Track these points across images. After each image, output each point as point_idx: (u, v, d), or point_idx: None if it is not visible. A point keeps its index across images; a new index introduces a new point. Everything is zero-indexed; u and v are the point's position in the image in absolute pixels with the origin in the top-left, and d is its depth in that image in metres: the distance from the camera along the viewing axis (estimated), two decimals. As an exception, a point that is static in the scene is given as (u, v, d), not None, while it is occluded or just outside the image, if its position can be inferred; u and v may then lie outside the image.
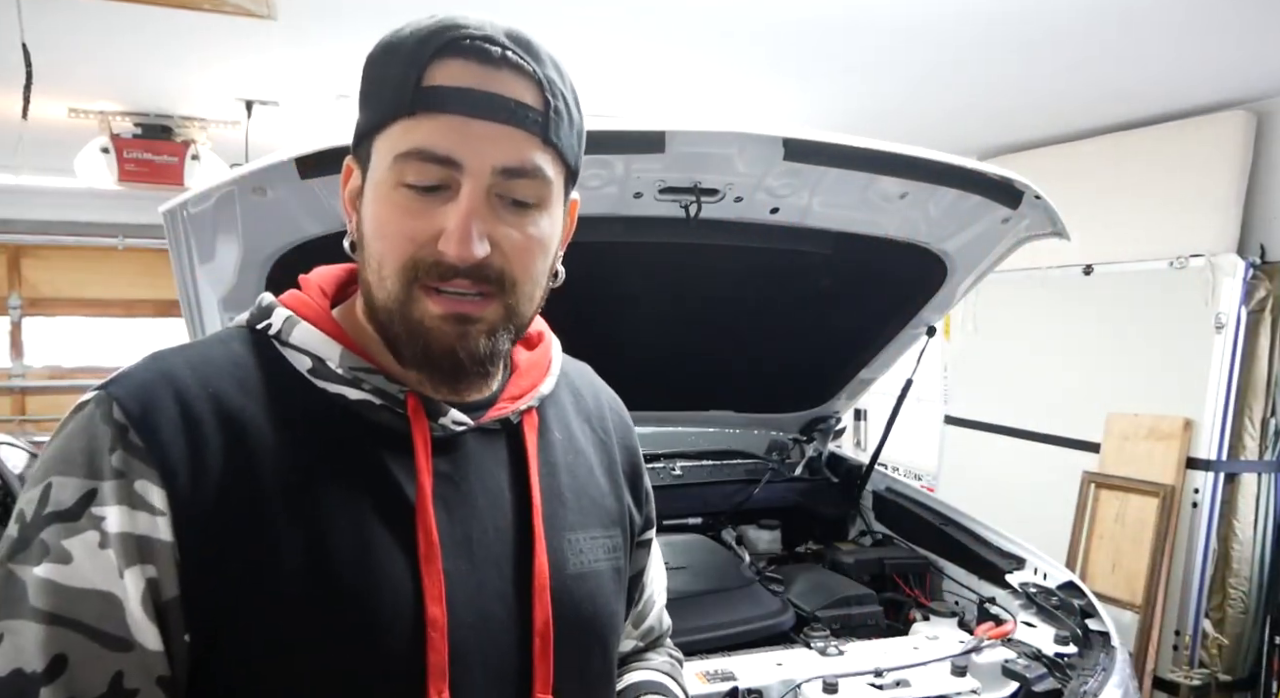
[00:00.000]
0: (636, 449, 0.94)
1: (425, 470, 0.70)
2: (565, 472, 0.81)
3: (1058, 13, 2.51)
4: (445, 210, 0.67)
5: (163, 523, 0.62)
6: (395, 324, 0.69)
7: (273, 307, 0.75)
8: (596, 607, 0.79)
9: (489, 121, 0.66)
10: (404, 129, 0.66)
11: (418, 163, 0.66)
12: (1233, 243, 3.24)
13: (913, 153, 1.69)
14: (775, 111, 3.76)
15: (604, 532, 0.83)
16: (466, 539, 0.72)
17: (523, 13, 2.58)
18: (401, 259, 0.67)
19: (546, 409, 0.83)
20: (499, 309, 0.70)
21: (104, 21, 2.65)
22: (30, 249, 5.91)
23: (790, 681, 1.51)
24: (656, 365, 2.22)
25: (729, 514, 2.37)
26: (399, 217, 0.67)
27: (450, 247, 0.66)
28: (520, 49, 0.68)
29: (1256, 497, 3.19)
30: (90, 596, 0.60)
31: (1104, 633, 1.71)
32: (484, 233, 0.67)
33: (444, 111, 0.66)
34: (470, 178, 0.66)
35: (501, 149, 0.67)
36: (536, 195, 0.70)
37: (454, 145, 0.66)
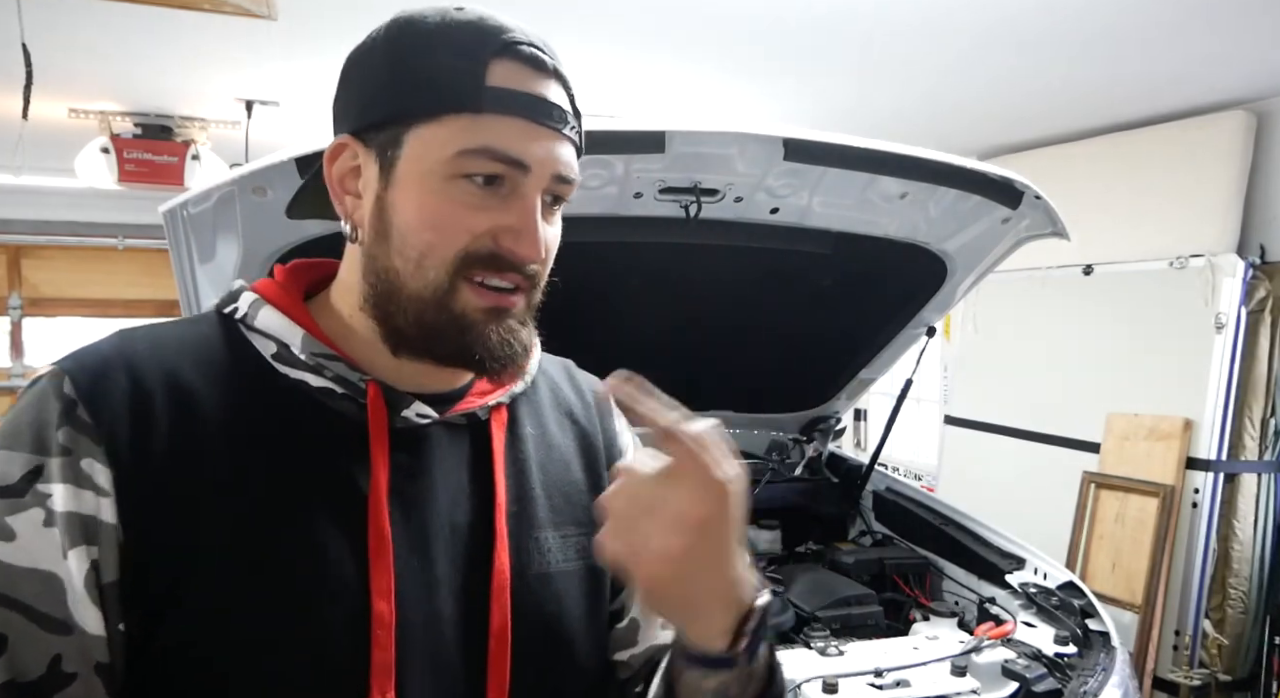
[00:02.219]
0: (616, 430, 0.90)
1: (380, 462, 0.69)
2: (537, 468, 0.79)
3: (1058, 13, 2.51)
4: (506, 207, 0.68)
5: (107, 504, 0.61)
6: (429, 315, 0.69)
7: (241, 291, 0.74)
8: (561, 607, 0.76)
9: (548, 128, 0.68)
10: (470, 125, 0.66)
11: (486, 160, 0.66)
12: (1233, 243, 3.24)
13: (913, 153, 1.69)
14: (775, 112, 3.76)
15: (578, 529, 0.79)
16: (422, 536, 0.70)
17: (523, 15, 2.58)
18: (455, 250, 0.68)
19: (519, 406, 0.81)
20: (524, 301, 0.72)
21: (104, 21, 2.65)
22: (30, 249, 5.91)
23: (790, 681, 1.51)
24: (656, 365, 2.21)
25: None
26: (458, 209, 0.67)
27: (520, 245, 0.68)
28: (554, 55, 0.71)
29: (1256, 497, 3.19)
30: (32, 575, 0.59)
31: (1104, 633, 1.71)
32: (542, 236, 0.70)
33: (512, 114, 0.67)
34: (534, 180, 0.68)
35: (558, 156, 0.69)
36: (568, 197, 0.73)
37: (524, 149, 0.67)
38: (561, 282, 0.83)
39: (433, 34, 0.68)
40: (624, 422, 0.92)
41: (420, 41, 0.68)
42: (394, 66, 0.69)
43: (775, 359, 2.34)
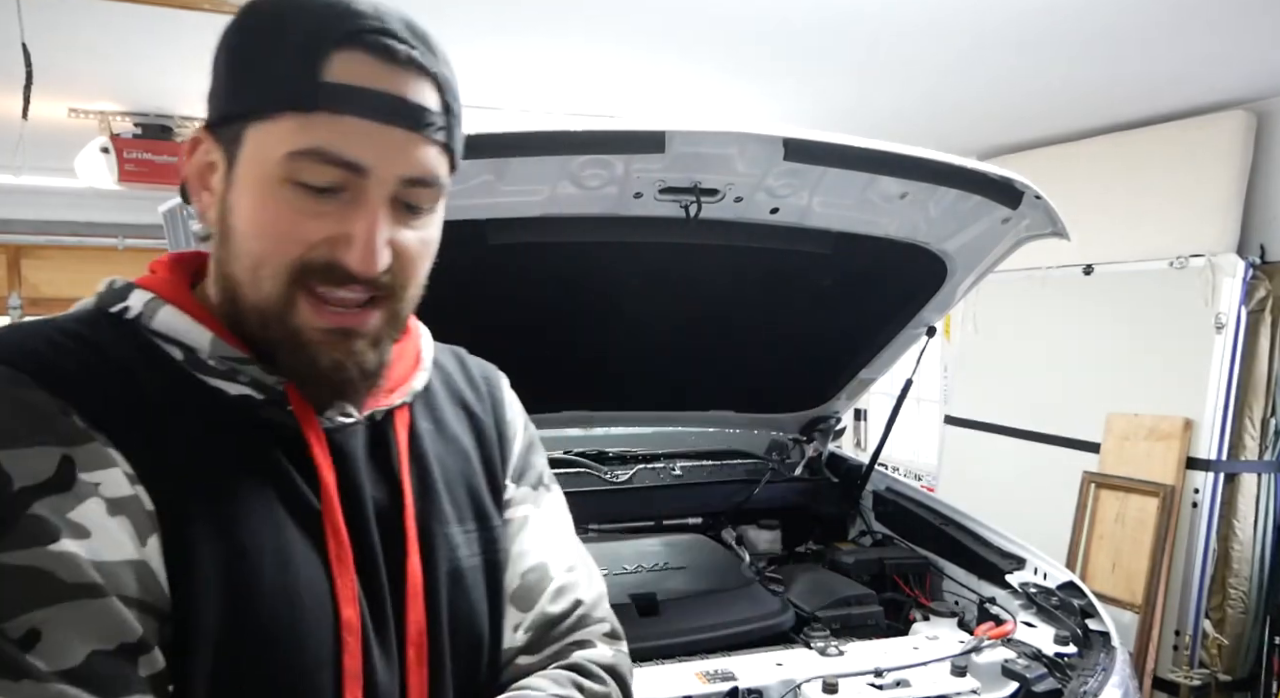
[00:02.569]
0: (504, 415, 0.87)
1: (326, 466, 0.67)
2: (437, 463, 0.77)
3: (1058, 13, 2.51)
4: (344, 214, 0.62)
5: (141, 491, 0.59)
6: (271, 329, 0.64)
7: (129, 288, 0.68)
8: (471, 603, 0.75)
9: (395, 127, 0.62)
10: (300, 125, 0.60)
11: (318, 164, 0.61)
12: (1233, 243, 3.24)
13: (913, 153, 1.69)
14: (776, 112, 3.76)
15: (478, 523, 0.78)
16: (366, 541, 0.69)
17: (523, 16, 2.58)
18: (288, 261, 0.62)
19: (415, 400, 0.78)
20: (382, 316, 0.67)
21: (104, 21, 2.65)
22: (30, 249, 5.91)
23: (790, 681, 1.51)
24: (656, 365, 2.22)
25: (729, 514, 2.37)
26: (289, 216, 0.62)
27: (355, 258, 0.62)
28: (421, 44, 0.64)
29: (1256, 497, 3.19)
30: (127, 567, 0.57)
31: (1104, 633, 1.71)
32: (384, 245, 0.63)
33: (349, 113, 0.61)
34: (376, 185, 0.62)
35: (408, 158, 0.63)
36: (432, 201, 0.67)
37: (361, 151, 0.61)
38: (562, 282, 0.83)
39: (277, 19, 0.62)
40: (515, 405, 0.90)
41: (263, 27, 0.63)
42: (236, 56, 0.64)
43: (775, 359, 2.34)
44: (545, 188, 1.63)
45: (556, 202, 1.66)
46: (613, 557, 2.03)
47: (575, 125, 1.51)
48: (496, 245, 1.72)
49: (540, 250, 1.80)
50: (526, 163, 1.54)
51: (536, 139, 1.51)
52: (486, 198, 1.60)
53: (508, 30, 2.72)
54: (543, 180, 1.61)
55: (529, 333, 1.91)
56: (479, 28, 2.72)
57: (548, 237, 1.75)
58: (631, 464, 2.29)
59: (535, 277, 1.87)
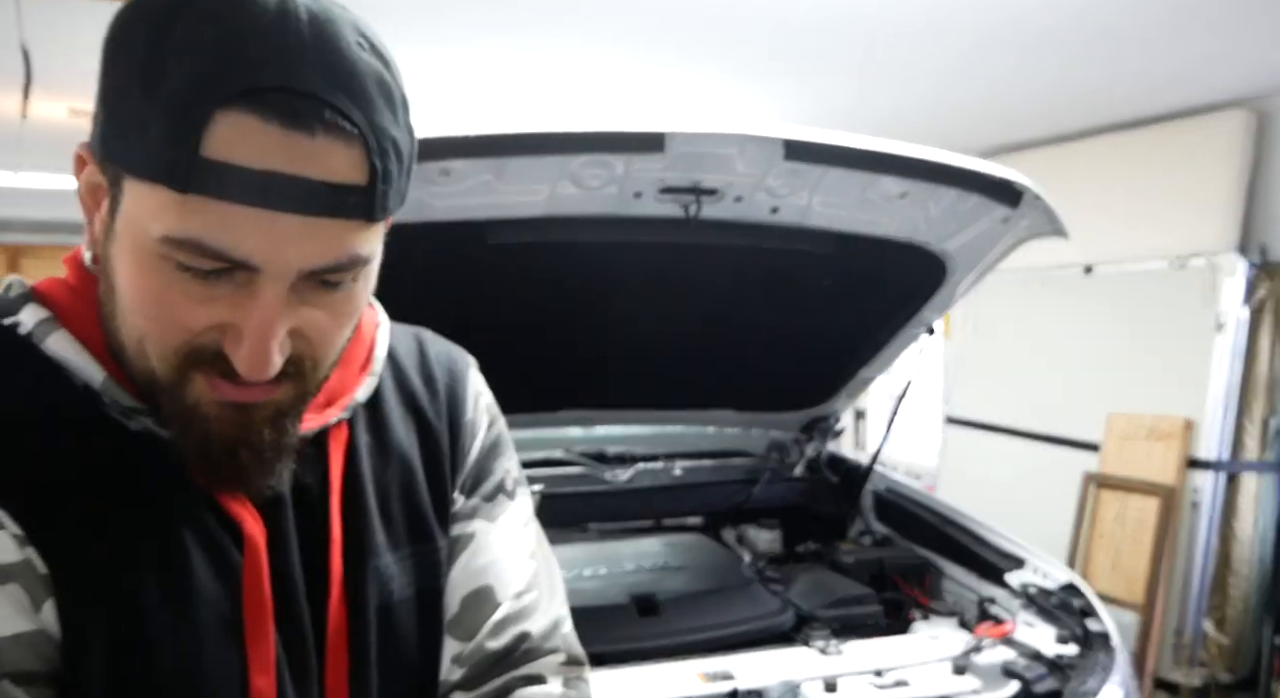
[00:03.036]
0: (461, 417, 0.76)
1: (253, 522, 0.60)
2: (373, 485, 0.69)
3: (1057, 12, 2.51)
4: (235, 301, 0.52)
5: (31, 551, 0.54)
6: (162, 400, 0.56)
7: (24, 300, 0.59)
8: (401, 642, 0.68)
9: (297, 215, 0.50)
10: (174, 205, 0.49)
11: (194, 256, 0.50)
12: (1233, 243, 3.24)
13: (913, 153, 1.69)
14: (777, 112, 3.76)
15: (418, 546, 0.70)
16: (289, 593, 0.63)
17: (521, 17, 2.58)
18: (173, 345, 0.54)
19: (356, 411, 0.69)
20: (291, 391, 0.58)
21: (104, 22, 2.62)
22: (30, 249, 5.92)
23: (790, 681, 1.51)
24: (656, 365, 2.22)
25: (729, 514, 2.37)
26: (171, 298, 0.52)
27: (242, 361, 0.53)
28: (341, 95, 0.50)
29: (1257, 497, 3.19)
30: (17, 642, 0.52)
31: (1104, 633, 1.71)
32: (283, 342, 0.54)
33: (232, 200, 0.49)
34: (270, 281, 0.52)
35: (311, 249, 0.52)
36: (355, 275, 0.56)
37: (249, 246, 0.50)
38: (561, 282, 0.82)
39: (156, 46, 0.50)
40: (479, 403, 0.79)
41: (142, 55, 0.50)
42: (110, 83, 0.53)
43: (775, 359, 2.34)
44: (545, 188, 1.63)
45: (556, 202, 1.66)
46: (613, 557, 2.03)
47: (575, 125, 1.51)
48: (496, 245, 1.72)
49: (540, 250, 1.80)
50: (526, 163, 1.54)
51: (536, 139, 1.51)
52: (486, 198, 1.60)
53: (507, 30, 2.73)
54: (542, 180, 1.61)
55: (529, 333, 1.91)
56: (477, 28, 2.72)
57: (547, 237, 1.75)
58: (631, 464, 2.29)
59: (535, 277, 1.87)
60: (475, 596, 0.72)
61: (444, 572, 0.72)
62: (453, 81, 3.33)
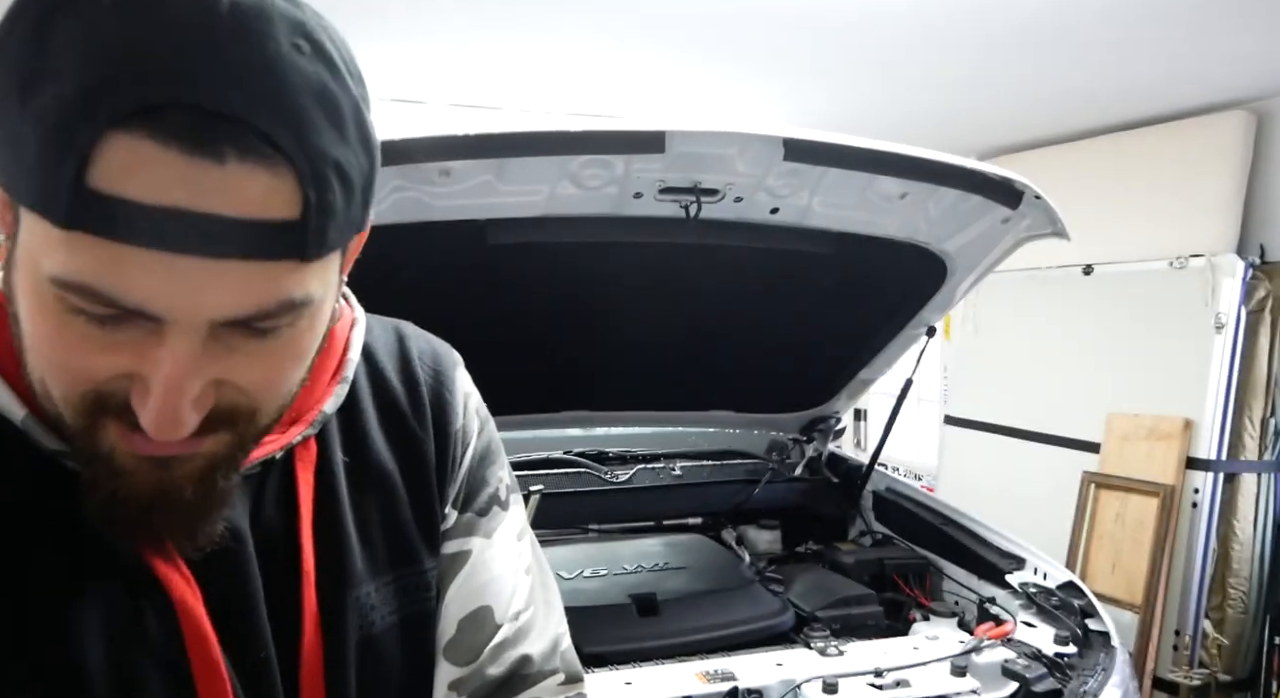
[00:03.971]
0: (449, 425, 0.69)
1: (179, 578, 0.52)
2: (350, 508, 0.62)
3: (1057, 13, 2.51)
4: (141, 349, 0.44)
5: None
6: (73, 447, 0.49)
7: None
8: (384, 673, 0.63)
9: (200, 257, 0.41)
10: (60, 242, 0.41)
11: (85, 299, 0.42)
12: (1233, 243, 3.24)
13: (913, 153, 1.69)
14: (774, 113, 3.76)
15: (401, 570, 0.65)
16: (231, 639, 0.55)
17: (523, 18, 2.58)
18: (78, 392, 0.46)
19: (329, 423, 0.62)
20: (224, 441, 0.50)
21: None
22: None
23: (790, 681, 1.51)
24: (656, 365, 2.22)
25: (729, 514, 2.37)
26: (70, 343, 0.45)
27: (147, 422, 0.45)
28: (264, 112, 0.41)
29: (1256, 497, 3.19)
30: None
31: (1104, 633, 1.72)
32: (198, 399, 0.46)
33: (124, 241, 0.40)
34: (177, 334, 0.44)
35: (226, 295, 0.43)
36: (290, 319, 0.47)
37: (145, 296, 0.42)
38: (561, 282, 0.82)
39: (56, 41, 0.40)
40: (468, 407, 0.72)
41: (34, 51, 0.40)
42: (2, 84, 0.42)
43: (775, 359, 2.34)
44: (545, 188, 1.63)
45: (556, 202, 1.66)
46: (612, 557, 2.03)
47: (575, 125, 1.51)
48: (496, 245, 1.72)
49: (540, 250, 1.80)
50: (526, 163, 1.54)
51: (536, 139, 1.51)
52: (486, 198, 1.61)
53: (505, 26, 2.72)
54: (542, 180, 1.61)
55: (529, 333, 1.91)
56: (475, 23, 2.72)
57: (548, 237, 1.75)
58: (631, 464, 2.29)
59: (535, 277, 1.87)
60: (473, 617, 0.68)
61: (430, 594, 0.67)
62: (451, 79, 3.33)
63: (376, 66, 3.16)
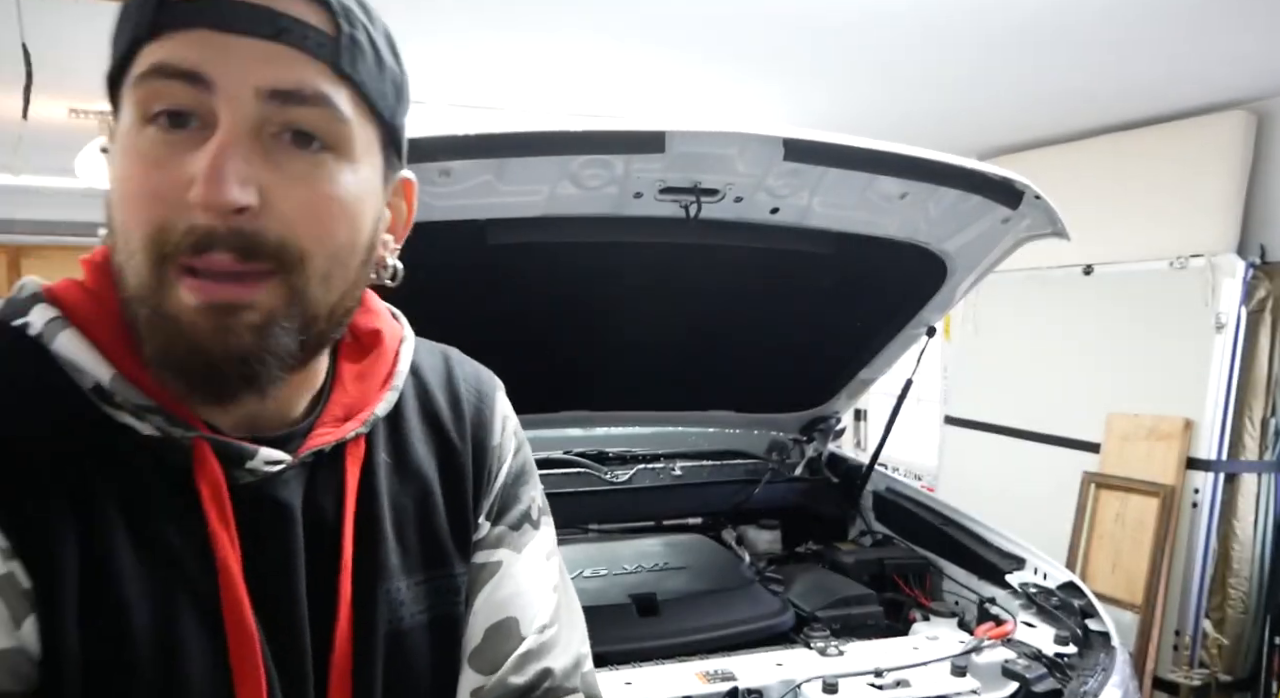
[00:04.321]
0: (488, 440, 0.74)
1: (227, 541, 0.56)
2: (390, 506, 0.66)
3: (1057, 12, 2.51)
4: (199, 155, 0.51)
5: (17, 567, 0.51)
6: (142, 320, 0.54)
7: (34, 300, 0.57)
8: (411, 670, 0.66)
9: (251, 37, 0.52)
10: (145, 53, 0.53)
11: (157, 81, 0.52)
12: (1233, 243, 3.24)
13: (913, 153, 1.69)
14: (774, 113, 3.76)
15: (432, 572, 0.68)
16: (272, 611, 0.59)
17: (523, 18, 2.58)
18: (148, 227, 0.52)
19: (377, 426, 0.67)
20: (278, 292, 0.54)
21: (104, 21, 2.63)
22: (30, 249, 5.91)
23: (790, 681, 1.51)
24: (656, 365, 2.22)
25: (729, 514, 2.37)
26: (143, 168, 0.52)
27: (197, 192, 0.50)
28: None
29: (1256, 497, 3.19)
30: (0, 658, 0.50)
31: (1104, 633, 1.71)
32: (247, 177, 0.51)
33: (191, 26, 0.51)
34: (227, 102, 0.51)
35: (268, 67, 0.52)
36: (330, 133, 0.54)
37: (202, 59, 0.51)
38: (561, 282, 0.82)
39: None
40: (506, 427, 0.77)
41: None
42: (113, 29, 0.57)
43: (775, 359, 2.34)
44: (545, 188, 1.63)
45: (556, 202, 1.66)
46: (612, 557, 2.03)
47: (575, 125, 1.51)
48: (496, 245, 1.72)
49: (540, 250, 1.80)
50: (526, 163, 1.54)
51: (536, 139, 1.51)
52: (486, 198, 1.60)
53: (505, 26, 2.73)
54: (542, 180, 1.61)
55: (529, 333, 1.91)
56: (475, 22, 2.72)
57: (548, 237, 1.75)
58: (631, 464, 2.29)
59: (535, 277, 1.87)
60: (499, 627, 0.70)
61: (460, 599, 0.70)
62: (451, 79, 3.33)
63: (376, 66, 3.16)
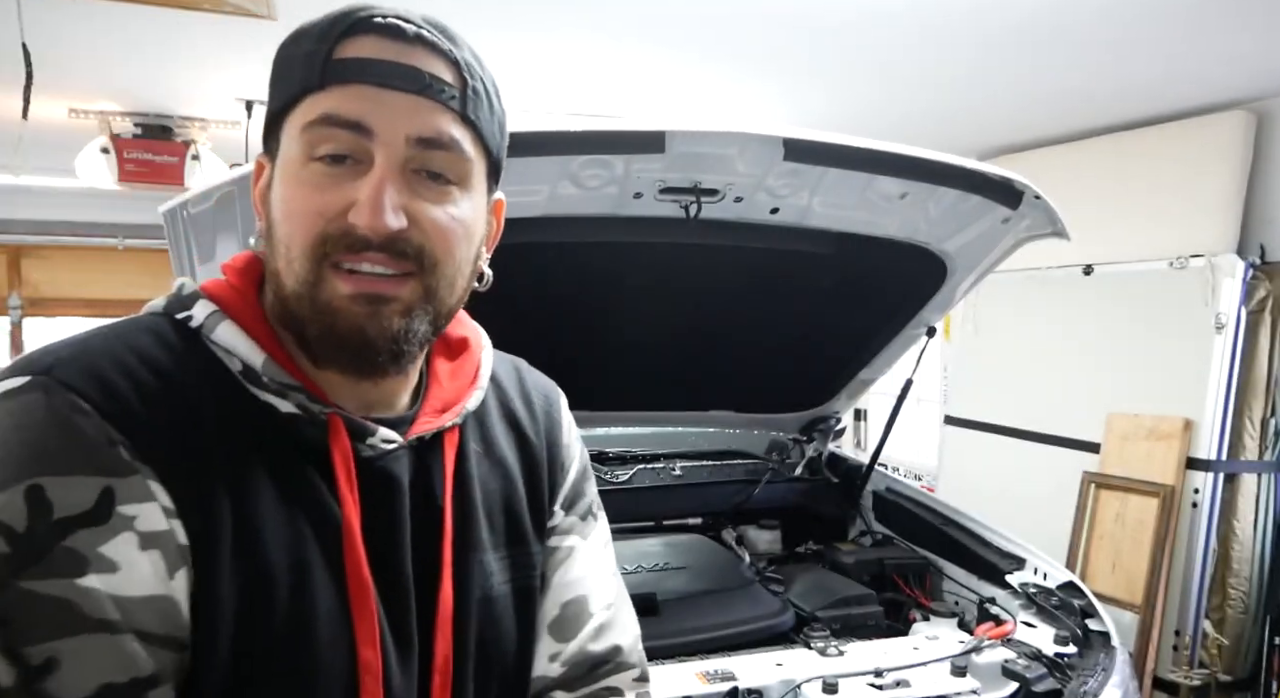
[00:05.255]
0: (560, 439, 0.87)
1: (351, 503, 0.66)
2: (480, 488, 0.77)
3: (1056, 12, 2.51)
4: (357, 184, 0.63)
5: (178, 526, 0.60)
6: (304, 309, 0.65)
7: (195, 297, 0.68)
8: (500, 631, 0.76)
9: (402, 92, 0.64)
10: (312, 101, 0.64)
11: (326, 129, 0.63)
12: (1233, 243, 3.24)
13: (913, 153, 1.69)
14: (773, 113, 3.76)
15: (514, 548, 0.79)
16: (383, 567, 0.69)
17: (523, 18, 2.58)
18: (310, 236, 0.64)
19: (467, 420, 0.78)
20: (417, 288, 0.66)
21: (104, 21, 2.65)
22: (30, 249, 5.91)
23: (790, 681, 1.51)
24: (657, 365, 2.22)
25: (729, 514, 2.37)
26: (308, 193, 0.64)
27: (362, 216, 0.62)
28: (436, 30, 0.67)
29: (1256, 497, 3.19)
30: (148, 604, 0.58)
31: (1104, 633, 1.72)
32: (399, 205, 0.64)
33: (354, 82, 0.63)
34: (383, 147, 0.64)
35: (416, 118, 0.64)
36: (456, 171, 0.67)
37: (365, 112, 0.63)
38: (561, 282, 0.83)
39: (300, 31, 0.68)
40: (572, 429, 0.90)
41: (290, 41, 0.68)
42: (273, 70, 0.68)
43: (775, 359, 2.34)
44: (545, 188, 1.63)
45: (556, 202, 1.66)
46: (613, 557, 2.02)
47: (575, 125, 1.50)
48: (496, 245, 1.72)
49: (540, 250, 1.80)
50: (526, 163, 1.54)
51: (536, 139, 1.51)
52: (486, 198, 1.60)
53: (505, 26, 2.73)
54: (542, 180, 1.61)
55: (528, 333, 1.91)
56: (476, 22, 2.72)
57: (548, 237, 1.75)
58: (631, 464, 2.29)
59: (535, 277, 1.87)
60: (573, 603, 0.82)
61: (536, 574, 0.80)
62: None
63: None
